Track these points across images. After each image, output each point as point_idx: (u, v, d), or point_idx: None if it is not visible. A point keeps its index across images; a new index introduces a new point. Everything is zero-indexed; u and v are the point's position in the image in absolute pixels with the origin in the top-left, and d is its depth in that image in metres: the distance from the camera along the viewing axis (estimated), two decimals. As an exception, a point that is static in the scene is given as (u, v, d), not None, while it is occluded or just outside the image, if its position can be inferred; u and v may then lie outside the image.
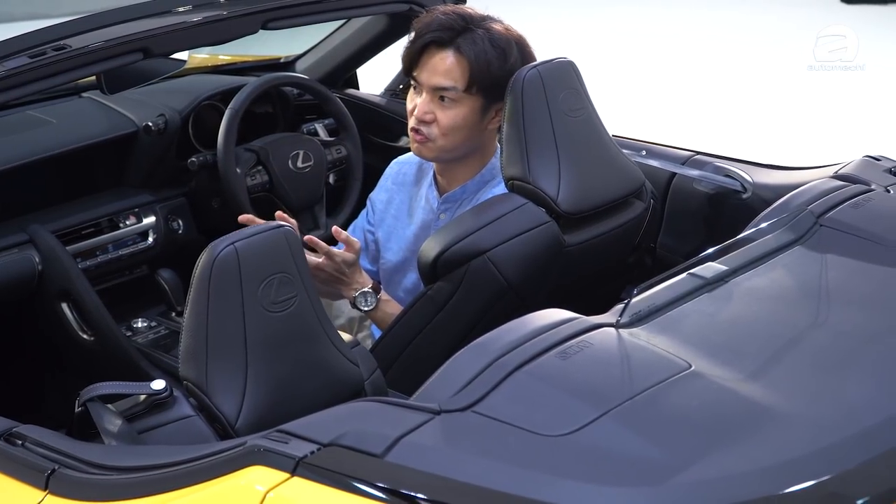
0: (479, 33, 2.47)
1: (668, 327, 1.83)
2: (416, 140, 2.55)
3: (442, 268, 2.39)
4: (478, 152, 2.59)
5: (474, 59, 2.45)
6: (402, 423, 1.61)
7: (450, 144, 2.53)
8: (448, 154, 2.56)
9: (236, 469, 1.60)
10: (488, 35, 2.47)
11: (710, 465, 1.53)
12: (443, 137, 2.51)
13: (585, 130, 2.54)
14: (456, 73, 2.46)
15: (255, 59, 3.66)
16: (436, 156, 2.57)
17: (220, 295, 1.91)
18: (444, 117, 2.50)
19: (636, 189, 2.62)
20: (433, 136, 2.51)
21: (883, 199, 2.28)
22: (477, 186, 2.60)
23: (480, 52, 2.45)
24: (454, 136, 2.52)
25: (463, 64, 2.46)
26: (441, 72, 2.47)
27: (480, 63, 2.45)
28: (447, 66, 2.47)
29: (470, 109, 2.50)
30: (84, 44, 2.45)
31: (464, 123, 2.51)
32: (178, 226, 3.18)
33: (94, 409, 1.89)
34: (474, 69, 2.45)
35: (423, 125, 2.51)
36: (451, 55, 2.46)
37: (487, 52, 2.45)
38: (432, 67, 2.48)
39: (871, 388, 1.72)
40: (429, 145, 2.53)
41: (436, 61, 2.48)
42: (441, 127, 2.50)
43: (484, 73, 2.46)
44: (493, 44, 2.47)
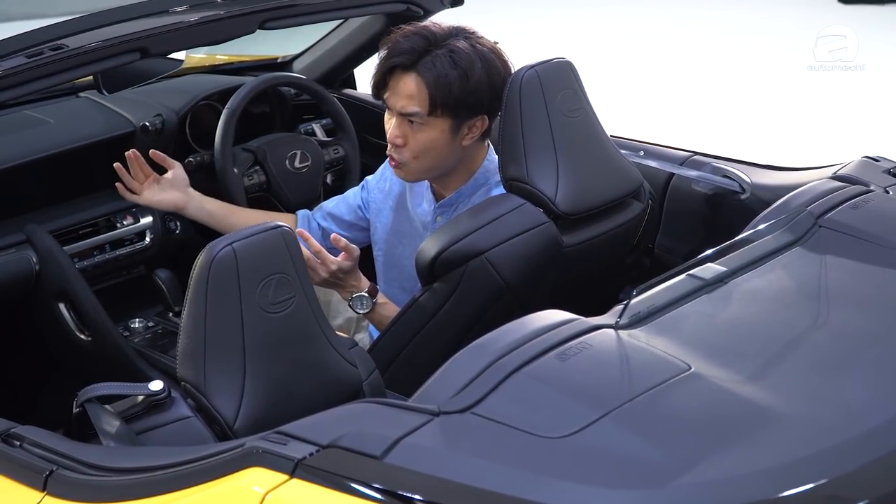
0: (440, 54, 2.41)
1: (667, 328, 1.83)
2: (391, 163, 2.55)
3: (440, 268, 2.39)
4: (463, 163, 2.57)
5: (433, 83, 2.40)
6: (401, 424, 1.60)
7: (424, 166, 2.51)
8: (426, 174, 2.55)
9: (235, 471, 1.60)
10: (450, 56, 2.41)
11: (710, 467, 1.53)
12: (415, 160, 2.49)
13: (583, 131, 2.54)
14: (418, 98, 2.42)
15: (252, 58, 3.65)
16: (415, 178, 2.56)
17: (217, 295, 1.91)
18: (413, 141, 2.47)
19: (634, 189, 2.61)
20: (405, 160, 2.49)
21: (882, 200, 2.28)
22: (472, 190, 2.59)
23: (441, 76, 2.40)
24: (426, 158, 2.49)
25: (423, 88, 2.42)
26: (405, 96, 2.44)
27: (441, 86, 2.40)
28: (410, 90, 2.43)
29: (439, 131, 2.46)
30: (81, 43, 2.45)
31: (434, 145, 2.47)
32: (176, 226, 3.18)
33: (91, 410, 1.89)
34: (434, 93, 2.41)
35: (394, 149, 2.50)
36: (413, 79, 2.43)
37: (448, 75, 2.40)
38: (397, 91, 2.45)
39: (871, 389, 1.72)
40: (404, 169, 2.52)
41: (400, 85, 2.45)
42: (412, 150, 2.48)
43: (446, 96, 2.41)
44: (455, 64, 2.41)
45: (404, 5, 3.06)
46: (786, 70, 7.47)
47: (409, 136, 2.46)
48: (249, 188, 3.07)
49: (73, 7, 4.69)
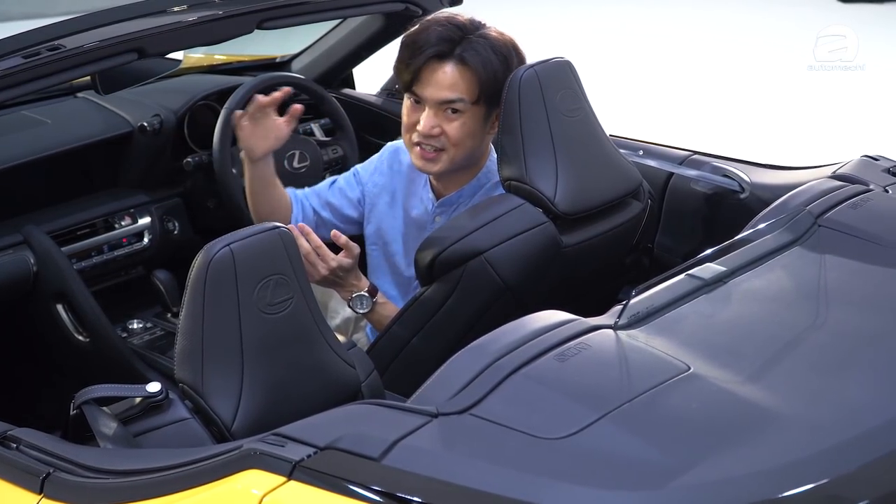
0: (480, 42, 2.42)
1: (666, 329, 1.82)
2: (423, 156, 2.49)
3: (439, 269, 2.39)
4: (476, 160, 2.58)
5: (482, 69, 2.41)
6: (399, 426, 1.60)
7: (459, 155, 2.49)
8: (455, 166, 2.52)
9: (232, 473, 1.60)
10: (489, 43, 2.43)
11: (709, 468, 1.53)
12: (453, 148, 2.47)
13: (582, 130, 2.53)
14: (462, 86, 2.42)
15: (250, 58, 3.65)
16: (445, 168, 2.51)
17: (215, 297, 1.90)
18: (452, 129, 2.45)
19: (633, 189, 2.61)
20: (444, 145, 2.46)
21: (881, 199, 2.27)
22: (473, 191, 2.59)
23: (487, 62, 2.41)
24: (464, 147, 2.48)
25: (468, 75, 2.41)
26: (447, 85, 2.42)
27: (488, 73, 2.41)
28: (451, 79, 2.41)
29: (476, 119, 2.46)
30: (78, 44, 2.44)
31: (471, 133, 2.47)
32: (174, 226, 3.18)
33: (89, 412, 1.88)
34: (482, 79, 2.41)
35: (429, 139, 2.46)
36: (454, 67, 2.41)
37: (492, 61, 2.41)
38: (436, 82, 2.42)
39: (871, 389, 1.72)
40: (440, 158, 2.48)
41: (439, 76, 2.42)
42: (451, 139, 2.46)
43: (491, 83, 2.42)
44: (496, 51, 2.43)
45: (403, 5, 3.06)
46: (786, 70, 7.46)
47: (445, 125, 2.44)
48: (248, 188, 3.05)
49: (72, 7, 4.69)
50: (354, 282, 2.56)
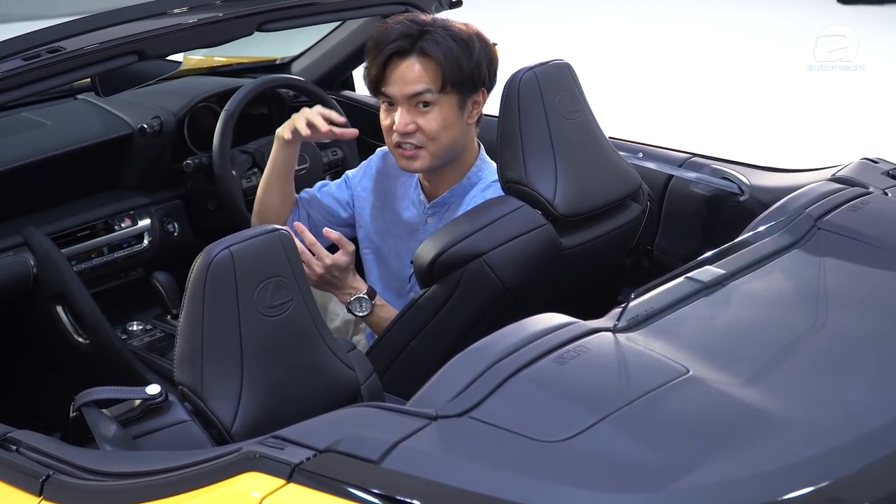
0: (439, 32, 2.45)
1: (665, 332, 1.82)
2: (403, 156, 2.51)
3: (438, 271, 2.39)
4: (462, 153, 2.57)
5: (442, 57, 2.43)
6: (398, 428, 1.60)
7: (439, 149, 2.50)
8: (438, 160, 2.52)
9: (232, 475, 1.60)
10: (448, 32, 2.46)
11: (708, 471, 1.53)
12: (432, 143, 2.48)
13: (582, 133, 2.53)
14: (426, 77, 2.44)
15: (250, 60, 3.65)
16: (429, 164, 2.52)
17: (215, 299, 1.90)
18: (426, 123, 2.46)
19: (633, 191, 2.61)
20: (422, 143, 2.48)
21: (881, 202, 2.27)
22: (464, 190, 2.59)
23: (447, 50, 2.43)
24: (441, 139, 2.48)
25: (431, 65, 2.44)
26: (412, 79, 2.44)
27: (449, 60, 2.43)
28: (416, 72, 2.44)
29: (448, 107, 2.47)
30: (79, 46, 2.44)
31: (446, 122, 2.47)
32: (174, 228, 3.18)
33: (88, 414, 1.88)
34: (444, 67, 2.43)
35: (407, 137, 2.48)
36: (417, 61, 2.44)
37: (453, 49, 2.44)
38: (401, 78, 2.45)
39: (870, 392, 1.72)
40: (420, 155, 2.49)
41: (402, 71, 2.45)
42: (427, 132, 2.47)
43: (454, 70, 2.44)
44: (455, 39, 2.45)
45: (403, 7, 3.06)
46: (786, 70, 7.46)
47: (419, 120, 2.46)
48: (248, 190, 3.06)
49: (73, 8, 4.69)
50: (352, 283, 2.56)
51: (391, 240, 2.70)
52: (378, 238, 2.72)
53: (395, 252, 2.68)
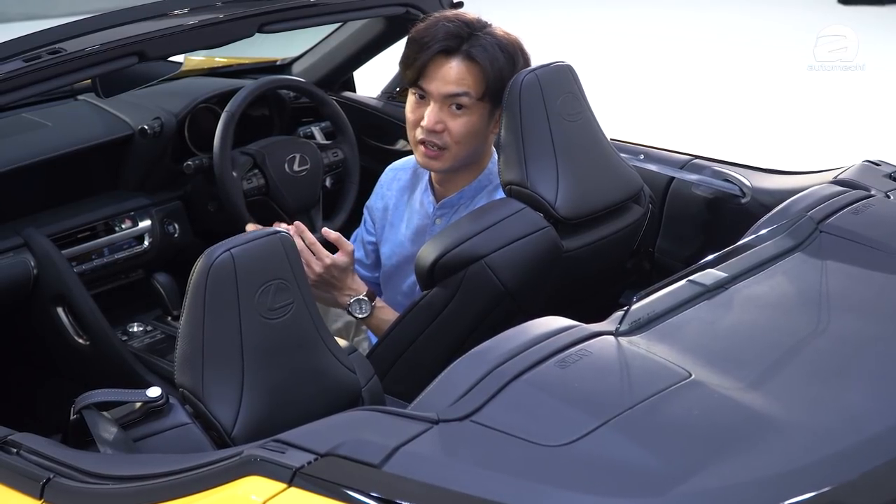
0: (487, 39, 2.44)
1: (667, 335, 1.82)
2: (426, 154, 2.50)
3: (439, 273, 2.38)
4: (479, 159, 2.58)
5: (489, 65, 2.43)
6: (399, 432, 1.60)
7: (462, 153, 2.50)
8: (457, 164, 2.52)
9: (232, 479, 1.60)
10: (496, 41, 2.45)
11: (710, 476, 1.53)
12: (456, 146, 2.48)
13: (583, 135, 2.53)
14: (468, 80, 2.44)
15: (251, 61, 3.65)
16: (448, 166, 2.52)
17: (216, 302, 1.90)
18: (455, 125, 2.46)
19: (634, 193, 2.61)
20: (447, 144, 2.47)
21: (883, 205, 2.27)
22: (474, 192, 2.59)
23: (494, 59, 2.43)
24: (466, 144, 2.49)
25: (475, 71, 2.43)
26: (453, 80, 2.44)
27: (495, 70, 2.43)
28: (458, 73, 2.43)
29: (479, 116, 2.48)
30: (79, 47, 2.44)
31: (475, 130, 2.48)
32: (174, 229, 3.17)
33: (89, 417, 1.88)
34: (489, 76, 2.43)
35: (433, 135, 2.47)
36: (461, 63, 2.44)
37: (499, 59, 2.44)
38: (442, 76, 2.44)
39: (872, 396, 1.72)
40: (443, 155, 2.49)
41: (445, 70, 2.44)
42: (453, 135, 2.46)
43: (497, 80, 2.43)
44: (503, 49, 2.45)
45: (404, 8, 3.06)
46: (786, 70, 7.46)
47: (448, 121, 2.46)
48: (248, 192, 3.05)
49: (73, 9, 4.69)
50: (351, 285, 2.56)
51: (408, 244, 2.70)
52: (396, 248, 2.73)
53: (407, 259, 2.68)
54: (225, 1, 2.83)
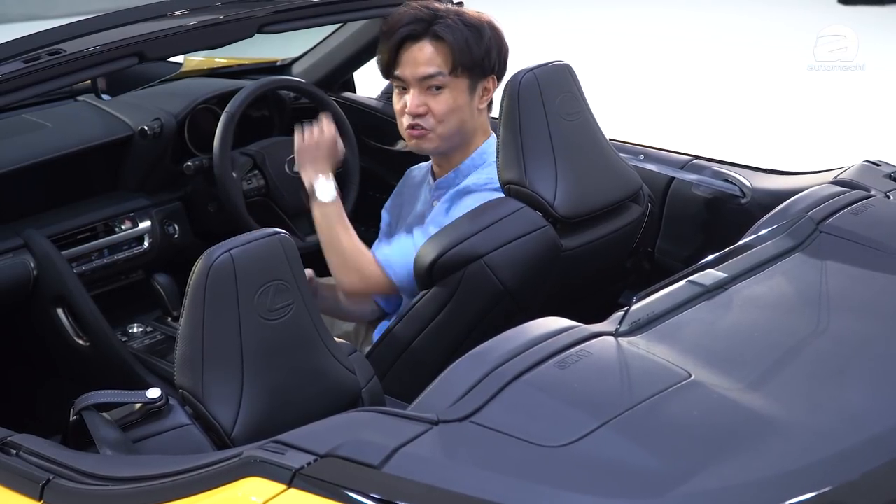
0: (451, 17, 2.52)
1: (667, 336, 1.82)
2: (413, 136, 2.56)
3: (438, 272, 2.38)
4: (473, 136, 2.60)
5: (453, 40, 2.49)
6: (399, 433, 1.60)
7: (447, 130, 2.54)
8: (448, 141, 2.57)
9: (232, 480, 1.60)
10: (459, 17, 2.53)
11: (710, 476, 1.53)
12: (441, 125, 2.53)
13: (582, 134, 2.53)
14: (438, 59, 2.50)
15: (251, 62, 3.65)
16: (436, 145, 2.57)
17: (215, 303, 1.90)
18: (436, 105, 2.52)
19: (633, 193, 2.61)
20: (430, 125, 2.53)
21: (883, 205, 2.27)
22: (468, 170, 2.60)
23: (458, 34, 2.49)
24: (451, 121, 2.53)
25: (443, 48, 2.50)
26: (423, 61, 2.51)
27: (460, 43, 2.49)
28: (428, 54, 2.51)
29: (459, 91, 2.53)
30: (79, 48, 2.44)
31: (456, 105, 2.53)
32: (174, 230, 3.17)
33: (88, 418, 1.88)
34: (455, 50, 2.49)
35: (418, 119, 2.53)
36: (429, 44, 2.51)
37: (464, 33, 2.50)
38: (413, 60, 2.52)
39: (872, 396, 1.72)
40: (429, 136, 2.55)
41: (415, 54, 2.52)
42: (437, 115, 2.52)
43: (465, 53, 2.50)
44: (466, 24, 2.52)
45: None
46: (786, 70, 7.46)
47: (430, 102, 2.52)
48: (248, 192, 3.05)
49: (73, 9, 4.69)
50: (325, 167, 2.65)
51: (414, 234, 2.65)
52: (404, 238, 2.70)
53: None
54: (225, 2, 2.83)
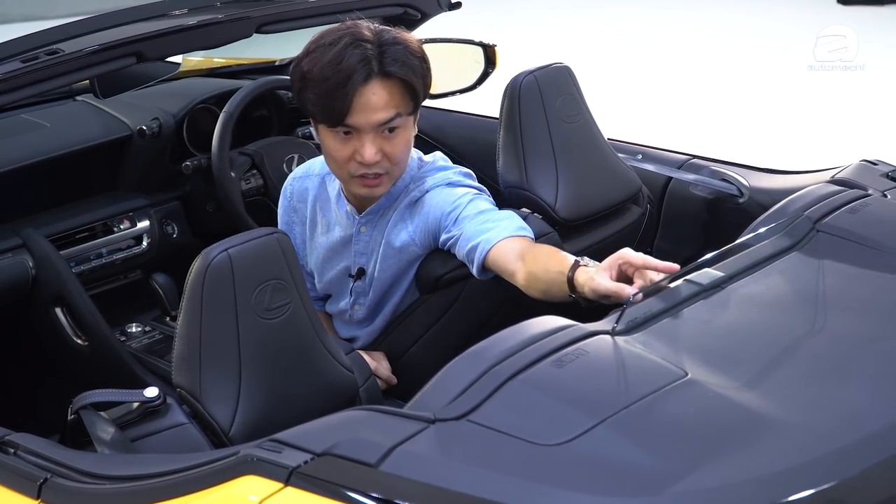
0: (397, 49, 2.22)
1: (664, 335, 1.82)
2: (367, 184, 2.29)
3: (444, 284, 2.38)
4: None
5: (406, 76, 2.21)
6: (396, 432, 1.60)
7: (401, 170, 2.33)
8: (396, 180, 2.35)
9: (229, 479, 1.60)
10: (405, 48, 2.23)
11: (707, 475, 1.52)
12: (395, 167, 2.30)
13: (582, 136, 2.54)
14: (395, 100, 2.22)
15: (249, 62, 3.65)
16: (388, 188, 2.34)
17: (213, 302, 1.90)
18: (392, 148, 2.25)
19: (633, 194, 2.61)
20: (387, 169, 2.28)
21: (880, 204, 2.27)
22: (398, 192, 2.39)
23: (411, 69, 2.22)
24: (404, 161, 2.32)
25: (396, 87, 2.21)
26: (380, 106, 2.20)
27: (411, 78, 2.22)
28: (384, 98, 2.20)
29: (410, 126, 2.29)
30: (77, 48, 2.44)
31: (408, 143, 2.31)
32: (173, 230, 3.18)
33: (86, 417, 1.89)
34: (410, 87, 2.23)
35: (373, 167, 2.26)
36: (381, 85, 2.20)
37: (416, 65, 2.23)
38: (368, 107, 2.20)
39: (869, 395, 1.71)
40: (384, 181, 2.30)
41: (369, 99, 2.19)
42: (393, 159, 2.27)
43: (421, 87, 2.26)
44: (412, 53, 2.24)
45: (401, 8, 3.06)
46: (786, 70, 7.46)
47: (385, 147, 2.25)
48: (247, 192, 3.06)
49: (72, 9, 4.68)
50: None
51: (329, 262, 2.54)
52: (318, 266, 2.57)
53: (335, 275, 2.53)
54: (223, 2, 2.83)
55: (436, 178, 2.38)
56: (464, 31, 3.33)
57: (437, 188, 2.36)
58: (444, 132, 3.28)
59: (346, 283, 2.49)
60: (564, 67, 2.54)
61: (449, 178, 2.38)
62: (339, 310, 2.55)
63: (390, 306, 2.46)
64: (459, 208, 2.31)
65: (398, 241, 2.38)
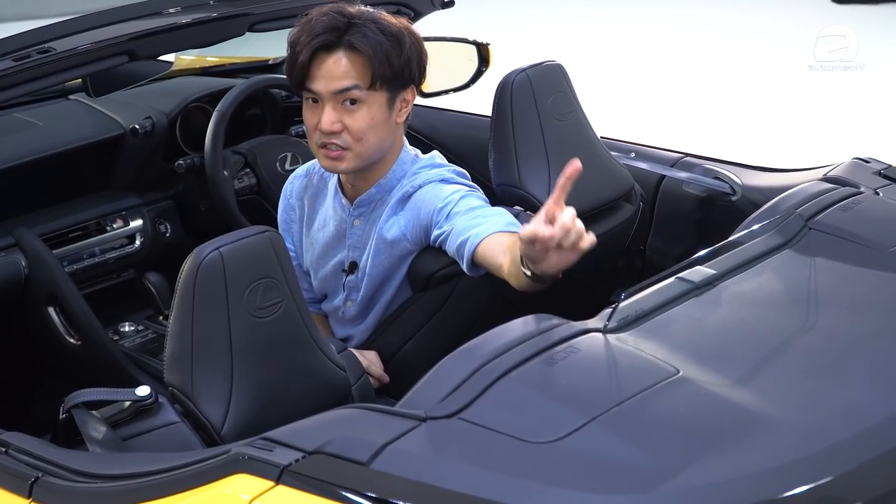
0: (368, 25, 2.28)
1: (656, 332, 1.82)
2: (328, 156, 2.32)
3: (436, 282, 2.38)
4: (389, 151, 2.40)
5: (372, 52, 2.25)
6: (387, 430, 1.60)
7: (366, 150, 2.32)
8: (364, 161, 2.35)
9: (220, 477, 1.60)
10: (377, 26, 2.28)
11: (698, 472, 1.53)
12: (358, 143, 2.30)
13: (575, 134, 2.54)
14: (354, 72, 2.26)
15: (242, 60, 3.64)
16: (353, 165, 2.34)
17: (205, 300, 1.90)
18: (353, 122, 2.28)
19: (625, 192, 2.61)
20: (347, 143, 2.29)
21: (872, 202, 2.27)
22: (390, 184, 2.41)
23: (376, 45, 2.26)
24: (369, 139, 2.31)
25: (360, 60, 2.26)
26: (339, 75, 2.26)
27: (379, 56, 2.26)
28: (343, 67, 2.26)
29: (377, 106, 2.30)
30: (69, 46, 2.44)
31: (375, 122, 2.30)
32: (166, 229, 3.17)
33: (78, 416, 1.89)
34: (374, 63, 2.26)
35: (333, 137, 2.29)
36: (343, 55, 2.26)
37: (383, 44, 2.26)
38: (327, 73, 2.27)
39: (861, 392, 1.72)
40: (346, 156, 2.31)
41: (329, 65, 2.26)
42: (353, 133, 2.29)
43: (384, 66, 2.27)
44: (385, 33, 2.28)
45: (395, 7, 3.05)
46: (786, 70, 7.46)
47: (346, 119, 2.28)
48: (240, 191, 3.06)
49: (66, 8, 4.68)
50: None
51: (326, 255, 2.55)
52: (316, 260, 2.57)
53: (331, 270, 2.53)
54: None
55: (429, 175, 2.39)
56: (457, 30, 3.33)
57: (429, 184, 2.37)
58: (438, 130, 3.27)
59: (339, 278, 2.50)
60: (556, 65, 2.54)
61: (442, 175, 2.38)
62: (332, 307, 2.55)
63: (382, 303, 2.46)
64: (451, 204, 2.32)
65: (390, 235, 2.39)
